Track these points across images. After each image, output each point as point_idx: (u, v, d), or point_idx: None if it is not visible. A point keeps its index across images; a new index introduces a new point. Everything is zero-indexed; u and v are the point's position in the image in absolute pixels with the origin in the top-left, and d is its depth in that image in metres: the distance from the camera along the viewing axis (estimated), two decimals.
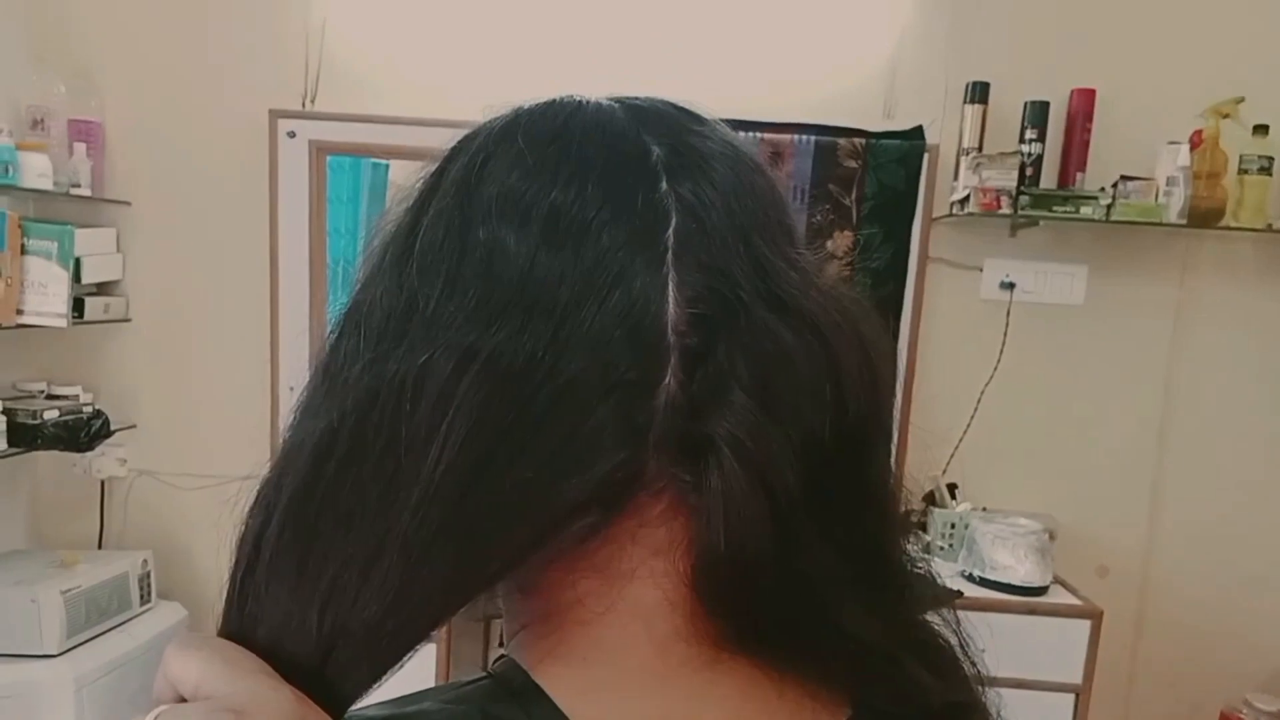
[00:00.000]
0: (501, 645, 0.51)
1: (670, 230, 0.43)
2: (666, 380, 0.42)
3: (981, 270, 2.61)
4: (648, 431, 0.42)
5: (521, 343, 0.41)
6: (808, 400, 0.43)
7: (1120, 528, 2.69)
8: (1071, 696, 2.32)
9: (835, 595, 0.45)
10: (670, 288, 0.42)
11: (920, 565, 0.50)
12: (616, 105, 0.48)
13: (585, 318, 0.41)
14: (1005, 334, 2.58)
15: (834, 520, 0.44)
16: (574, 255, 0.42)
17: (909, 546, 0.49)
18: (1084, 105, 2.48)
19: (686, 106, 0.49)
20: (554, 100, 0.48)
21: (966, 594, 2.30)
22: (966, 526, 2.44)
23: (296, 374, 2.62)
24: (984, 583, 2.35)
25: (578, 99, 0.48)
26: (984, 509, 2.55)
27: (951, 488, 2.57)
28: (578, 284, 0.42)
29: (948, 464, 2.56)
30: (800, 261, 0.46)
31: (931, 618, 0.50)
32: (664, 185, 0.44)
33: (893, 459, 0.48)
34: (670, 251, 0.42)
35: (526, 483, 0.41)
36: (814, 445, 0.43)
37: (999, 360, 2.58)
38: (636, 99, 0.48)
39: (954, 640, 0.50)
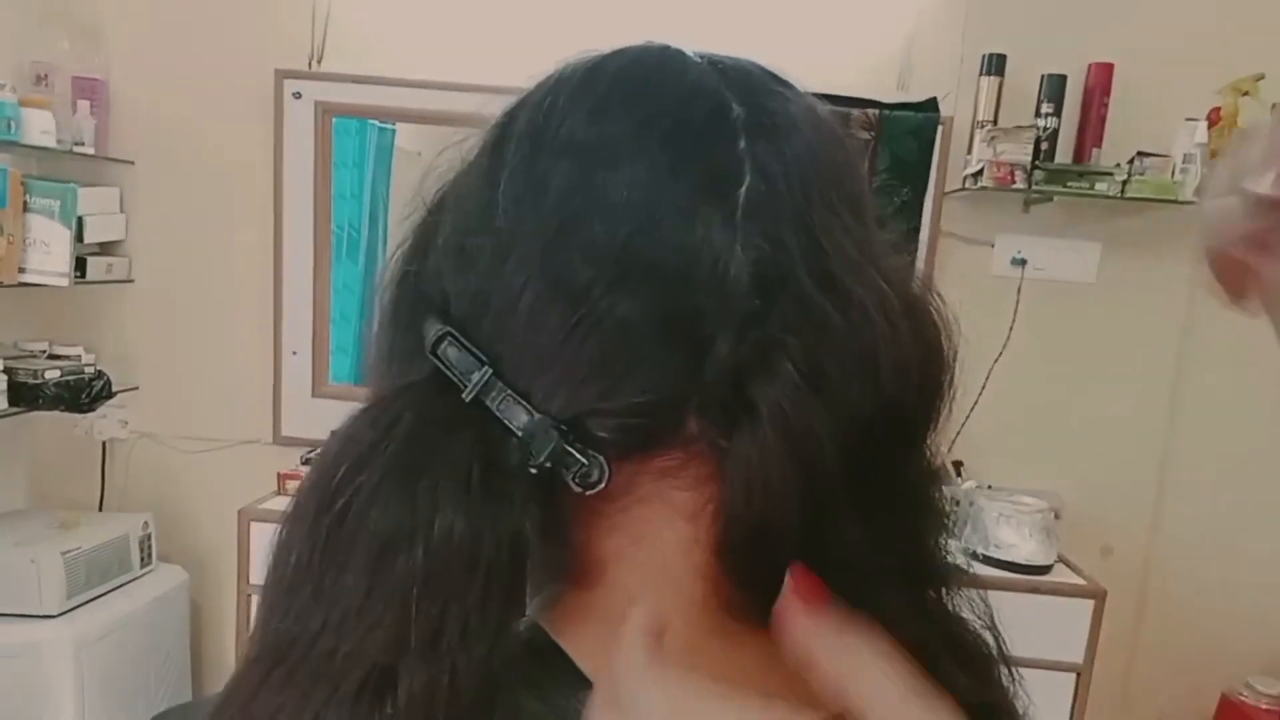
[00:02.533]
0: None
1: (743, 189, 0.42)
2: (720, 337, 0.41)
3: (993, 246, 2.58)
4: (692, 381, 0.42)
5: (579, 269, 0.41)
6: (854, 383, 0.42)
7: (1126, 508, 2.68)
8: (1072, 676, 2.32)
9: (867, 580, 0.44)
10: (737, 247, 0.41)
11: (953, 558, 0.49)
12: (702, 59, 0.46)
13: (649, 250, 0.41)
14: (1016, 311, 2.56)
15: (872, 506, 0.43)
16: (647, 198, 0.42)
17: (945, 541, 0.48)
18: (1101, 80, 2.44)
19: (772, 70, 0.48)
20: (639, 48, 0.47)
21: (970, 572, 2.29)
22: (971, 504, 2.43)
23: (299, 338, 2.61)
24: (988, 561, 2.34)
25: (664, 49, 0.47)
26: (989, 486, 2.54)
27: (957, 465, 2.56)
28: (646, 221, 0.41)
29: (954, 441, 2.54)
30: (864, 241, 0.45)
31: (970, 615, 0.49)
32: (742, 144, 0.43)
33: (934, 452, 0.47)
34: (740, 210, 0.42)
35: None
36: (856, 429, 0.42)
37: (1008, 337, 2.56)
38: (723, 56, 0.47)
39: (991, 641, 0.50)
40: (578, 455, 0.42)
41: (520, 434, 0.42)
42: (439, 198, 0.48)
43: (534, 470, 0.42)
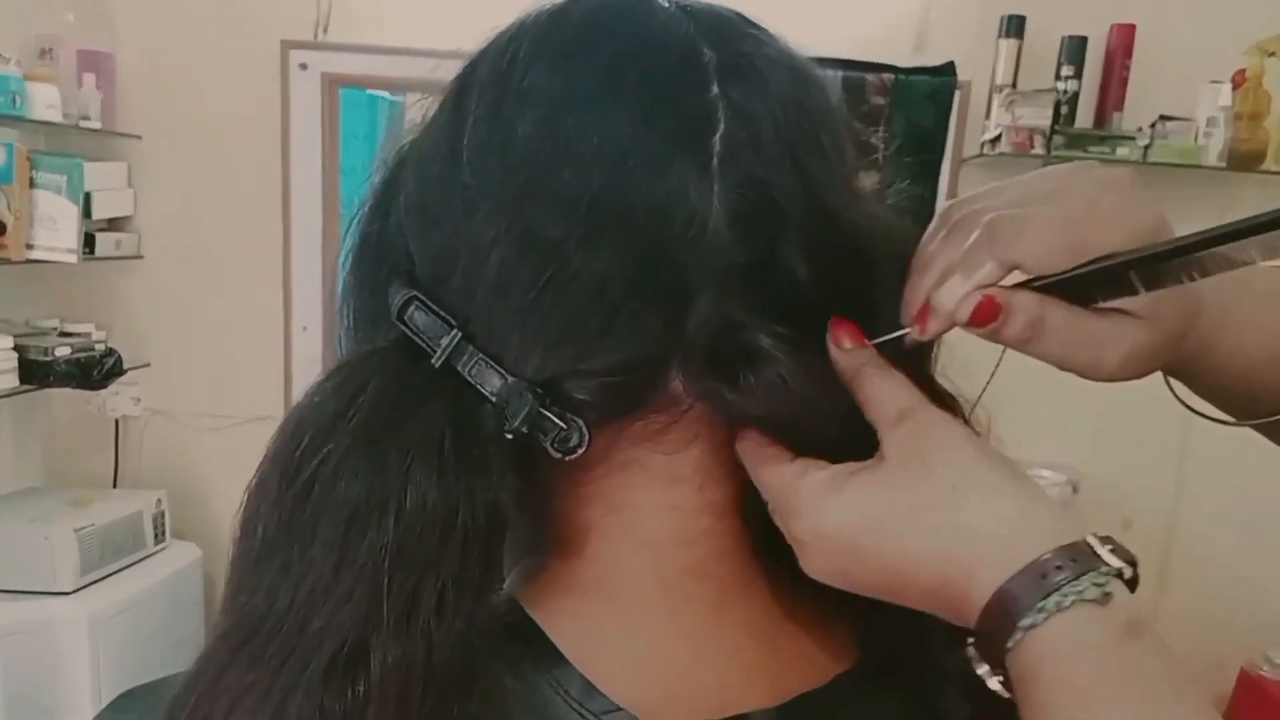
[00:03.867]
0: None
1: (717, 136, 0.40)
2: (701, 291, 0.40)
3: None
4: (673, 338, 0.40)
5: (548, 229, 0.40)
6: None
7: (1146, 481, 2.64)
8: None
9: None
10: (714, 196, 0.39)
11: None
12: (670, 3, 0.44)
13: (621, 202, 0.39)
14: None
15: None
16: (617, 148, 0.40)
17: None
18: (1123, 41, 2.39)
19: (745, 14, 0.46)
20: None
21: None
22: None
23: (309, 313, 2.60)
24: None
25: None
26: None
27: None
28: (617, 172, 0.40)
29: (970, 413, 2.50)
30: (850, 183, 0.44)
31: None
32: (714, 89, 0.41)
33: None
34: (715, 157, 0.40)
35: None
36: None
37: None
38: (693, 1, 0.45)
39: None
40: (555, 419, 0.40)
41: (494, 399, 0.41)
42: (399, 156, 0.46)
43: (510, 436, 0.41)
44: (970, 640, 0.39)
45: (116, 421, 2.68)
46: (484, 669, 0.40)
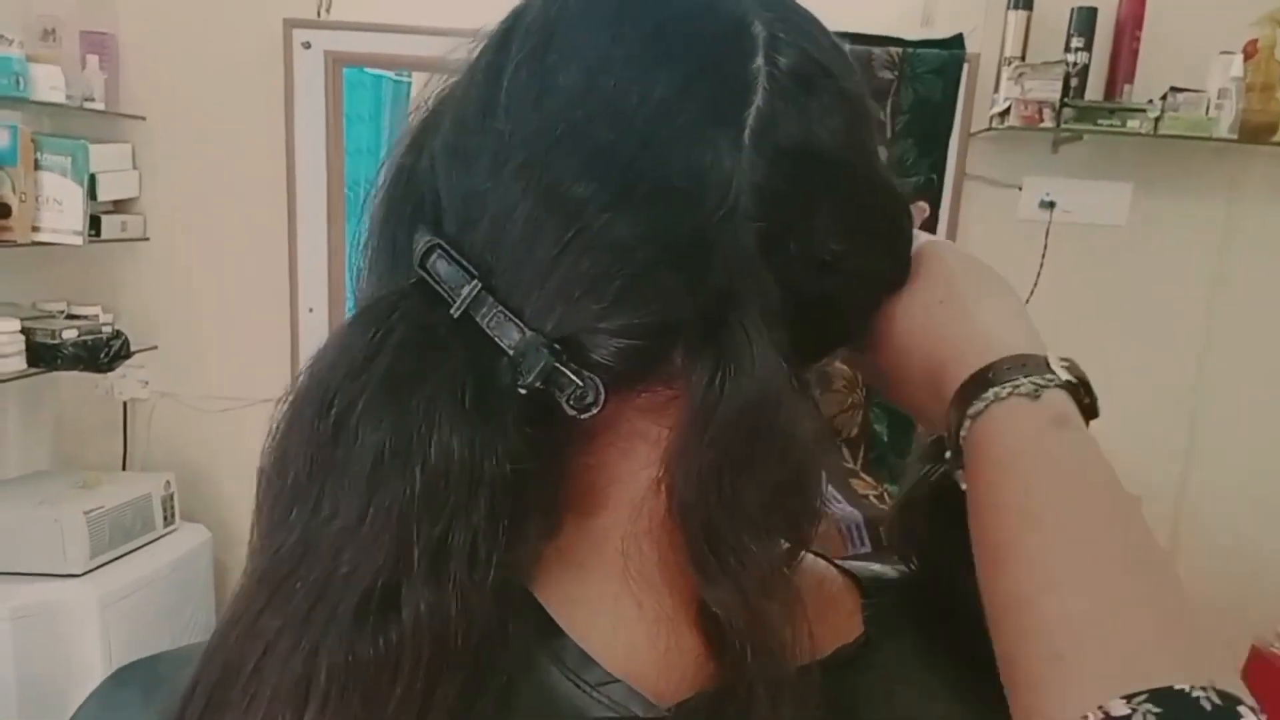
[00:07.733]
0: None
1: (752, 110, 0.40)
2: (715, 261, 0.40)
3: (1020, 188, 2.51)
4: (685, 307, 0.40)
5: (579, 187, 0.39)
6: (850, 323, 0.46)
7: (1155, 457, 2.63)
8: None
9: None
10: (743, 169, 0.39)
11: None
12: None
13: (653, 167, 0.39)
14: (1043, 255, 2.50)
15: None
16: (657, 112, 0.39)
17: None
18: (1134, 12, 2.37)
19: None
20: None
21: None
22: None
23: (315, 295, 2.59)
24: None
25: None
26: None
27: None
28: (653, 136, 0.39)
29: None
30: (878, 159, 0.45)
31: None
32: (758, 61, 0.41)
33: None
34: (748, 130, 0.40)
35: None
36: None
37: (1036, 283, 2.49)
38: None
39: None
40: (571, 375, 0.40)
41: (511, 352, 0.40)
42: (441, 95, 0.46)
43: (523, 390, 0.40)
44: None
45: (124, 404, 2.68)
46: (516, 623, 0.40)
